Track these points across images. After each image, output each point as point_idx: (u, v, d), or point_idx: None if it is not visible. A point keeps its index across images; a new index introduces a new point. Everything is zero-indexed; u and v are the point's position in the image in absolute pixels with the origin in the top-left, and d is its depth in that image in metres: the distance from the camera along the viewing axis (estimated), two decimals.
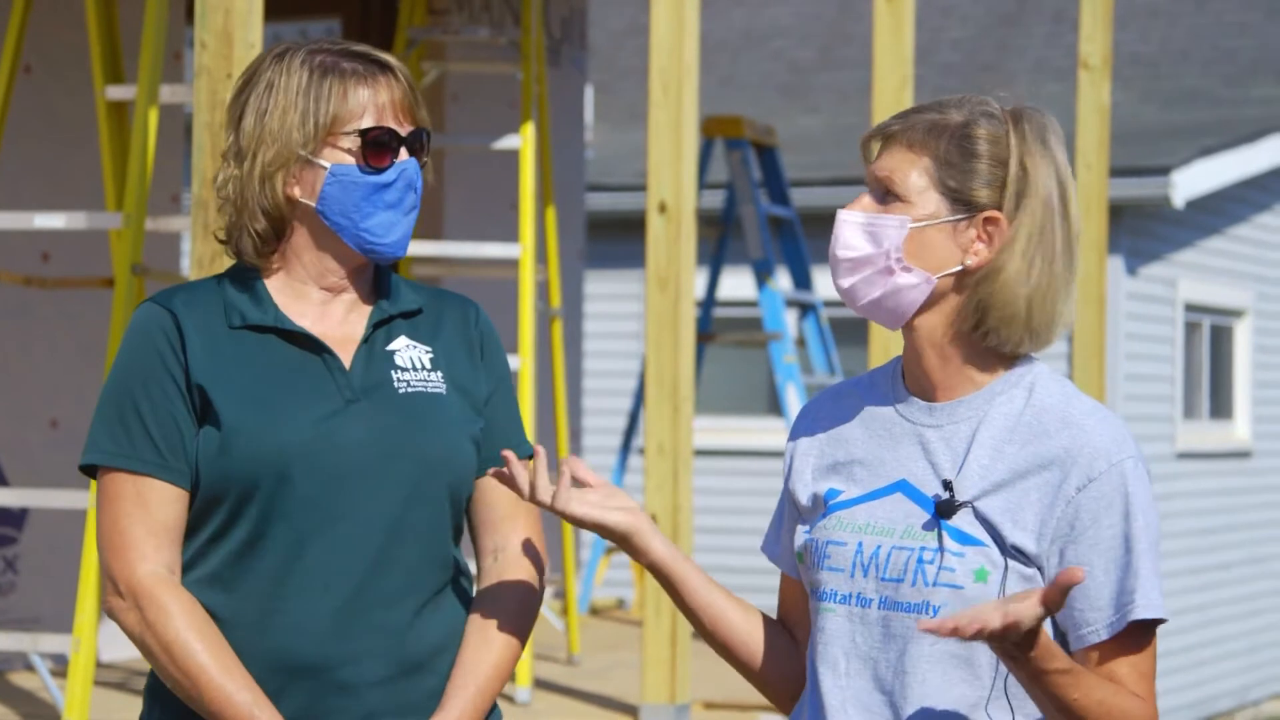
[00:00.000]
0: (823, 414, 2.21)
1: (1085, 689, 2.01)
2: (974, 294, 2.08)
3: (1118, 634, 2.05)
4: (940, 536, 2.06)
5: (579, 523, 2.16)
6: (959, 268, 2.08)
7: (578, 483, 2.19)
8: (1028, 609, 1.92)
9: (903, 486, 2.11)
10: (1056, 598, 1.91)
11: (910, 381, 2.15)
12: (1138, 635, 2.06)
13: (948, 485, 2.07)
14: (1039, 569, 2.06)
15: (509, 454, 2.19)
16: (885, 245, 2.09)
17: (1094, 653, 2.07)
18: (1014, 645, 1.95)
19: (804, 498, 2.19)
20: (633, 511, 2.17)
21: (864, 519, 2.12)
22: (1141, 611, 2.04)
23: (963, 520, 2.07)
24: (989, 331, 2.09)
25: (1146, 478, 2.09)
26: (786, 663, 2.23)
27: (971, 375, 2.11)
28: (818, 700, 2.13)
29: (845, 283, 2.12)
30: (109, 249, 5.64)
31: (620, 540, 2.18)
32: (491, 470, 2.22)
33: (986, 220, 2.08)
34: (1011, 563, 2.06)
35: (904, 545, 2.08)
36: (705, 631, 2.22)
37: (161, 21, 4.76)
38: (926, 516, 2.08)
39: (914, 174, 2.09)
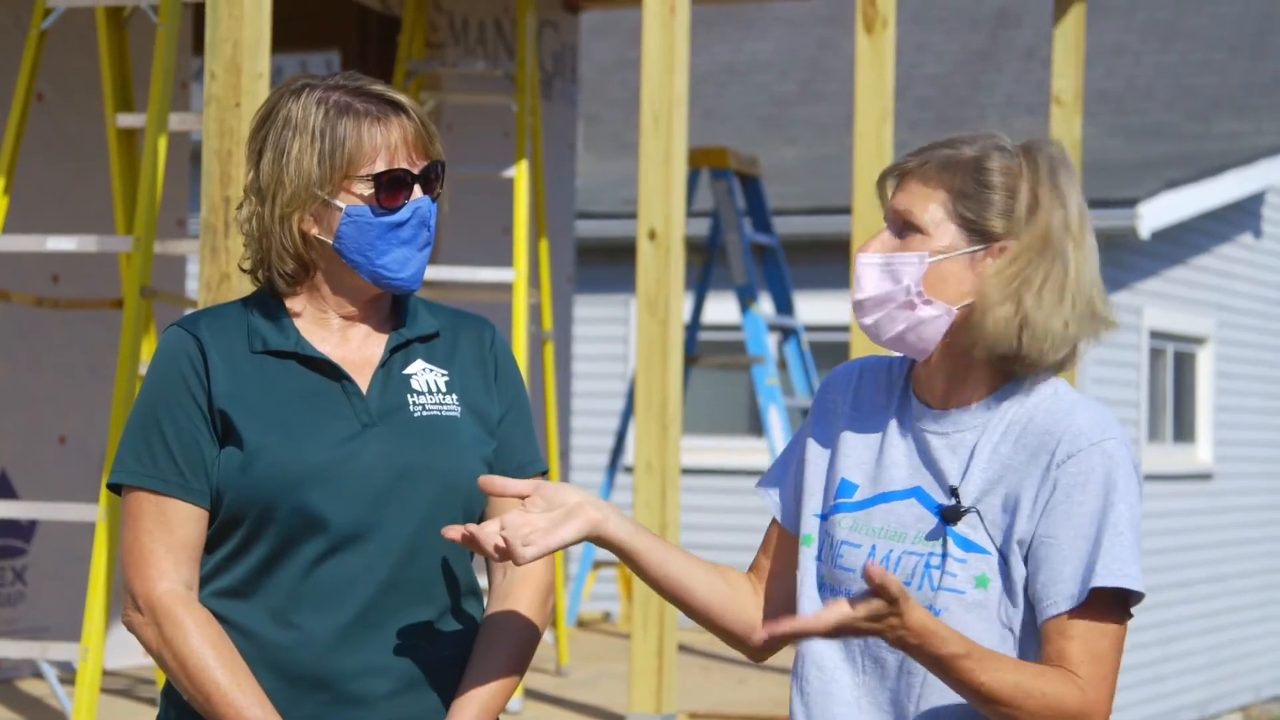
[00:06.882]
0: (860, 386, 2.22)
1: (993, 672, 2.00)
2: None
3: (1078, 608, 2.03)
4: (945, 543, 2.08)
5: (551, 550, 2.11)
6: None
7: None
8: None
9: (917, 493, 2.13)
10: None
11: (919, 389, 2.17)
12: (1100, 611, 2.03)
13: (954, 492, 2.09)
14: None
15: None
16: (905, 281, 2.10)
17: (1051, 626, 2.04)
18: (878, 627, 1.97)
19: (819, 465, 2.20)
20: (579, 511, 2.12)
21: (880, 522, 2.14)
22: (1103, 579, 2.01)
23: (967, 527, 2.09)
24: (975, 349, 2.09)
25: (1129, 461, 2.07)
26: (752, 614, 2.24)
27: (980, 387, 2.13)
28: (830, 692, 2.15)
29: (868, 320, 2.13)
30: (118, 271, 5.69)
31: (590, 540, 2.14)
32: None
33: (1002, 250, 2.09)
34: (1011, 570, 2.07)
35: (914, 550, 2.10)
36: (670, 599, 2.21)
37: (171, 52, 4.84)
38: (935, 523, 2.10)
39: (931, 207, 2.10)
